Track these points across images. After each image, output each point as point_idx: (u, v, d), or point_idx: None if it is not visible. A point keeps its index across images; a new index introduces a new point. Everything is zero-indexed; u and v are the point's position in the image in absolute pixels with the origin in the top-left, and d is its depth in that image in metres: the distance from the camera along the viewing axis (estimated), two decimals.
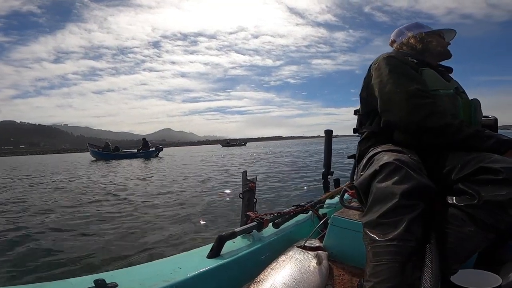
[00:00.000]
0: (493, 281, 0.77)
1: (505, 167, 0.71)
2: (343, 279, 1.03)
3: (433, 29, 1.20)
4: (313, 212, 1.46)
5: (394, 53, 1.11)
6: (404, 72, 0.98)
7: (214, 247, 0.98)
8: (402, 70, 0.99)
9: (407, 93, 0.92)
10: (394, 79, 0.97)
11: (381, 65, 1.03)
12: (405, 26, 1.24)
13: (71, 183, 7.84)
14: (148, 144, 21.48)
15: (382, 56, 1.07)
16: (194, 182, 6.85)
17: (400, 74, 0.98)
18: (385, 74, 0.99)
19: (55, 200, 5.20)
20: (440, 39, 1.18)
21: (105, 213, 4.02)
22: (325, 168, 1.93)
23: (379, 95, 1.00)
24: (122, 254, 2.53)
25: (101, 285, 0.71)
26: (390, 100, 0.95)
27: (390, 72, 0.99)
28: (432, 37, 1.17)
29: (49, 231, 3.30)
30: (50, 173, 11.77)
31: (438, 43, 1.16)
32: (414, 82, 0.95)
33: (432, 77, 1.02)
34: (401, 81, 0.95)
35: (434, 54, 1.16)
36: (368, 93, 1.09)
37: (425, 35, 1.16)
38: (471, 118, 1.00)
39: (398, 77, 0.97)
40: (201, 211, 3.95)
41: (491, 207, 0.72)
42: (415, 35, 1.17)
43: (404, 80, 0.96)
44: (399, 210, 0.72)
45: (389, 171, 0.77)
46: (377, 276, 0.70)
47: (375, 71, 1.05)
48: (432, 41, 1.15)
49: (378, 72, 1.03)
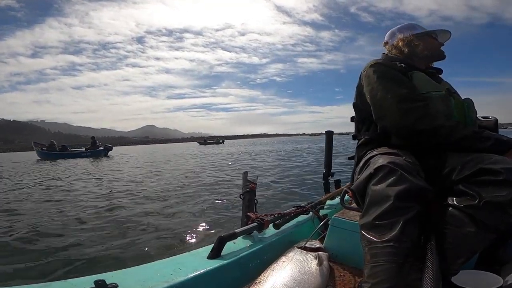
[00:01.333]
0: (494, 282, 0.77)
1: (505, 168, 0.71)
2: (344, 280, 1.03)
3: (426, 30, 1.18)
4: (314, 213, 1.46)
5: (382, 59, 1.12)
6: (393, 78, 0.99)
7: (214, 248, 0.98)
8: (390, 76, 1.00)
9: (397, 97, 0.93)
10: (383, 85, 0.98)
11: (369, 72, 1.04)
12: (397, 28, 1.23)
13: None
14: (97, 143, 21.24)
15: (370, 64, 1.07)
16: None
17: (389, 80, 0.98)
18: (374, 81, 1.01)
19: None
20: (431, 40, 1.17)
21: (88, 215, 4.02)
22: (326, 169, 1.93)
23: (372, 103, 1.02)
24: (122, 254, 2.53)
25: (101, 286, 0.71)
26: (382, 106, 0.97)
27: (378, 78, 1.00)
28: (421, 39, 1.15)
29: (48, 232, 3.30)
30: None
31: (426, 46, 1.14)
32: (402, 87, 0.95)
33: (422, 80, 1.02)
34: (390, 87, 0.96)
35: (421, 57, 1.15)
36: (361, 101, 1.09)
37: (413, 37, 1.15)
38: (465, 118, 1.00)
39: (386, 83, 0.98)
40: (200, 211, 3.96)
41: (492, 208, 0.72)
42: (403, 37, 1.17)
43: (393, 85, 0.96)
44: (394, 212, 0.72)
45: (384, 174, 0.77)
46: (374, 277, 0.71)
47: (365, 79, 1.06)
48: (419, 44, 1.14)
49: (367, 80, 1.04)
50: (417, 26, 1.20)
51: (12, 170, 12.41)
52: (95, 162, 15.89)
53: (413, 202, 0.73)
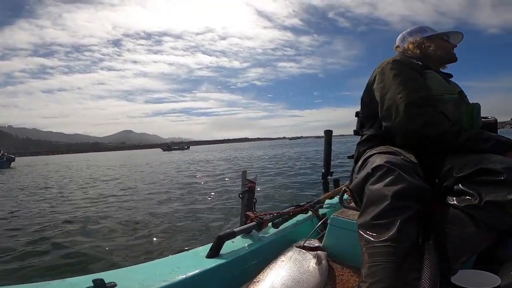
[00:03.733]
0: (492, 281, 0.77)
1: (506, 168, 0.71)
2: (342, 279, 1.03)
3: (437, 32, 1.17)
4: (313, 212, 1.46)
5: (399, 57, 1.10)
6: (408, 78, 0.97)
7: (213, 247, 0.98)
8: (405, 76, 0.98)
9: (407, 101, 0.91)
10: (396, 85, 0.96)
11: (385, 69, 1.02)
12: (408, 31, 1.23)
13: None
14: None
15: (387, 61, 1.05)
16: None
17: (403, 80, 0.96)
18: (389, 79, 0.99)
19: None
20: (443, 42, 1.16)
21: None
22: (325, 168, 1.93)
23: (380, 101, 1.00)
24: (121, 254, 2.53)
25: (100, 285, 0.71)
26: (390, 107, 0.95)
27: (394, 77, 0.98)
28: (432, 41, 1.14)
29: (48, 232, 3.30)
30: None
31: (438, 47, 1.14)
32: (416, 89, 0.94)
33: (436, 80, 1.01)
34: (403, 87, 0.94)
35: (435, 58, 1.14)
36: (370, 98, 1.08)
37: (424, 40, 1.14)
38: (473, 122, 1.00)
39: (400, 83, 0.96)
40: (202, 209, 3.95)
41: (492, 208, 0.72)
42: (413, 40, 1.16)
43: (407, 86, 0.94)
44: (391, 211, 0.72)
45: (381, 174, 0.78)
46: (372, 276, 0.70)
47: (379, 75, 1.04)
48: (430, 45, 1.13)
49: (382, 77, 1.02)
50: (428, 28, 1.19)
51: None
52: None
53: (410, 202, 0.73)
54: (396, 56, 1.13)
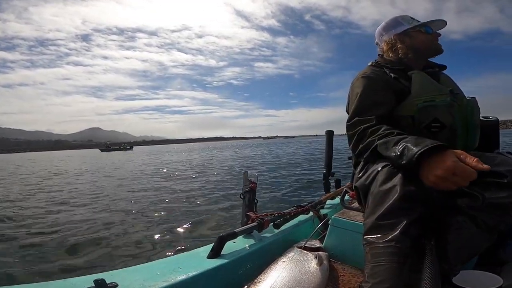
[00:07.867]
0: (494, 282, 0.77)
1: (509, 170, 0.71)
2: (343, 280, 1.02)
3: (413, 25, 1.07)
4: (314, 212, 1.46)
5: (369, 71, 1.05)
6: (369, 99, 0.96)
7: (214, 247, 0.98)
8: (365, 95, 0.97)
9: (354, 129, 0.94)
10: (356, 105, 0.97)
11: (353, 86, 1.04)
12: (382, 26, 1.14)
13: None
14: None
15: (357, 77, 1.05)
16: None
17: (360, 100, 0.97)
18: (353, 98, 1.01)
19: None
20: (420, 34, 1.06)
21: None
22: (326, 169, 1.93)
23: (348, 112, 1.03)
24: (122, 254, 2.53)
25: (101, 285, 0.71)
26: (348, 123, 0.98)
27: (356, 95, 1.00)
28: (408, 36, 1.06)
29: (49, 232, 3.31)
30: None
31: (416, 42, 1.05)
32: (373, 112, 0.93)
33: (424, 83, 0.96)
34: (355, 106, 0.96)
35: (415, 56, 1.06)
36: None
37: (396, 38, 1.08)
38: (468, 123, 0.95)
39: (357, 101, 0.97)
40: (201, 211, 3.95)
41: (494, 209, 0.72)
42: (388, 40, 1.10)
43: (358, 106, 0.96)
44: (397, 212, 0.72)
45: (388, 174, 0.77)
46: (375, 277, 0.70)
47: (351, 89, 1.06)
48: (406, 42, 1.06)
49: (349, 93, 1.06)
50: (404, 20, 1.10)
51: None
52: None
53: (417, 203, 0.73)
54: (366, 70, 1.07)
